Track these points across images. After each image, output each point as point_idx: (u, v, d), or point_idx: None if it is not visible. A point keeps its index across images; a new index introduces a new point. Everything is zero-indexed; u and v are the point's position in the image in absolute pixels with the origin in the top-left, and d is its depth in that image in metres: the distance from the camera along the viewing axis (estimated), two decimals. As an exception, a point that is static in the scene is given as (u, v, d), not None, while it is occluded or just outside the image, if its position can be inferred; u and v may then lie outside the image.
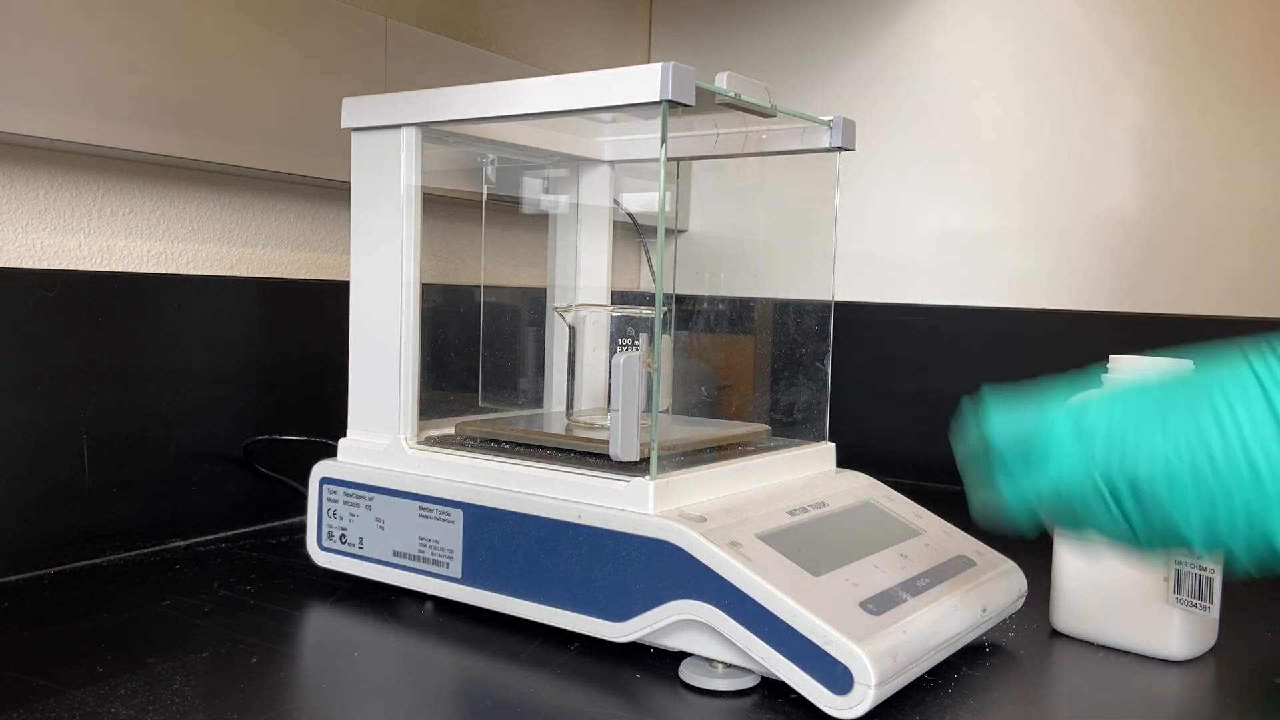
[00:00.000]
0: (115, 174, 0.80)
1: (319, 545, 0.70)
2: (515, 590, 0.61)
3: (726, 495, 0.62)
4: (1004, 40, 1.15)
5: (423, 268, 0.69)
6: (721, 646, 0.55)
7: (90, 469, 0.75)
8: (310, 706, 0.52)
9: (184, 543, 0.80)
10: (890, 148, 1.20)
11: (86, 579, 0.70)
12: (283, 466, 0.86)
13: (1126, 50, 1.08)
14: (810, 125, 0.73)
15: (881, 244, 1.22)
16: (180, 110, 0.77)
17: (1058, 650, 0.64)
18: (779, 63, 1.28)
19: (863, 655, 0.49)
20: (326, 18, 0.87)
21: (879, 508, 0.68)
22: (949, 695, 0.55)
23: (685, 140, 0.78)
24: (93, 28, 0.71)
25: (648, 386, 0.62)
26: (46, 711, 0.49)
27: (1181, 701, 0.56)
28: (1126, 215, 1.08)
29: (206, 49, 0.78)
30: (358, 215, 0.70)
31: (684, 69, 0.57)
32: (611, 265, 0.88)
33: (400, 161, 0.68)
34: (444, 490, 0.64)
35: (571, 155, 0.84)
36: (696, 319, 0.84)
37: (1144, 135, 1.08)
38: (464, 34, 1.08)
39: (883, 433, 1.19)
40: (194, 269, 0.85)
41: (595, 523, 0.58)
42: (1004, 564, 0.66)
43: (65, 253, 0.77)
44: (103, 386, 0.75)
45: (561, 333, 0.83)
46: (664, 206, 0.62)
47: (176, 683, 0.53)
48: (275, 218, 0.92)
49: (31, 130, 0.69)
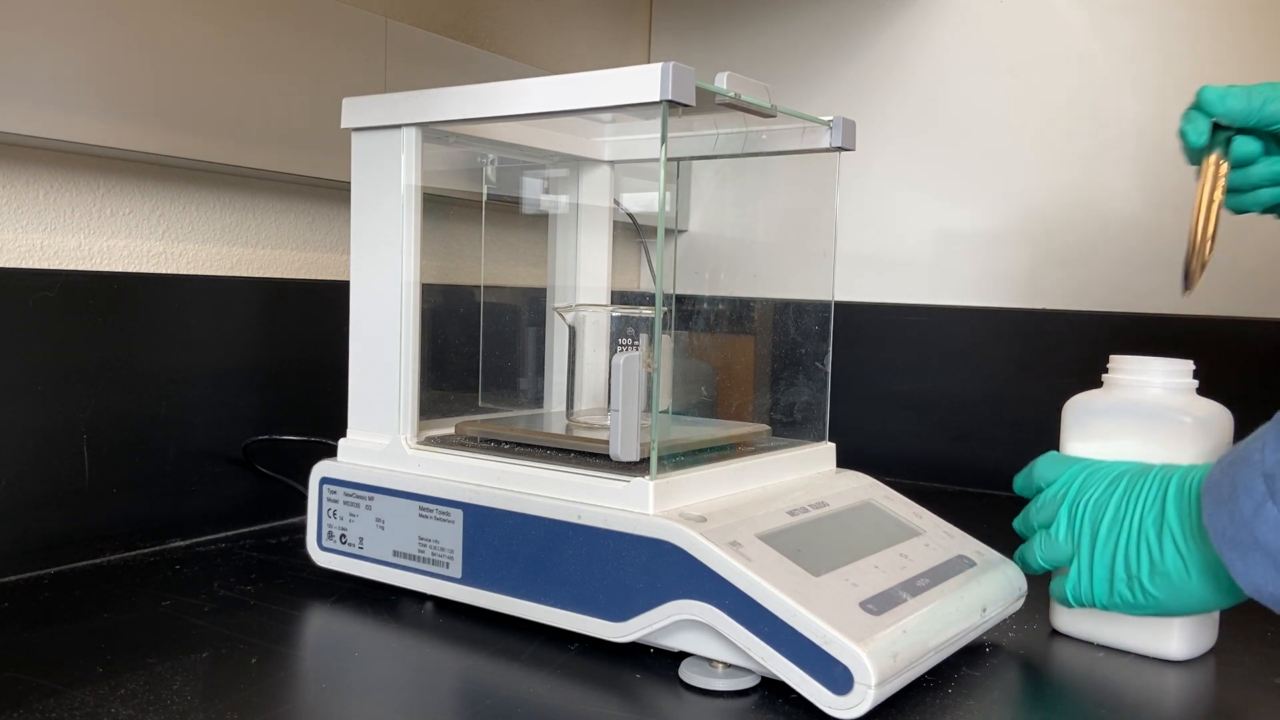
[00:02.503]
0: (115, 174, 0.80)
1: (319, 545, 0.70)
2: (515, 590, 0.61)
3: (726, 495, 0.62)
4: (1003, 40, 1.15)
5: (423, 268, 0.69)
6: (721, 646, 0.55)
7: (90, 469, 0.75)
8: (310, 706, 0.52)
9: (184, 543, 0.80)
10: (890, 148, 1.20)
11: (86, 579, 0.70)
12: (283, 466, 0.86)
13: (1126, 50, 1.08)
14: (810, 125, 0.73)
15: (881, 244, 1.22)
16: (180, 110, 0.77)
17: (1058, 650, 0.64)
18: (779, 63, 1.28)
19: (863, 655, 0.49)
20: (326, 18, 0.87)
21: (879, 508, 0.68)
22: (949, 695, 0.55)
23: (685, 140, 0.78)
24: (93, 28, 0.71)
25: (648, 386, 0.62)
26: (46, 711, 0.49)
27: (1181, 701, 0.56)
28: (1126, 215, 1.08)
29: (207, 49, 0.78)
30: (358, 215, 0.70)
31: (684, 69, 0.57)
32: (611, 265, 0.88)
33: (400, 161, 0.68)
34: (444, 490, 0.64)
35: (571, 155, 0.84)
36: (696, 319, 0.84)
37: (1143, 135, 1.07)
38: (464, 34, 1.08)
39: (883, 433, 1.19)
40: (194, 269, 0.85)
41: (595, 523, 0.58)
42: (1004, 564, 0.66)
43: (65, 253, 0.77)
44: (103, 386, 0.75)
45: (561, 333, 0.83)
46: (664, 206, 0.62)
47: (176, 683, 0.53)
48: (275, 218, 0.92)
49: (31, 130, 0.69)
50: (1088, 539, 0.61)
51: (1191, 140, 0.68)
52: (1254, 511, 0.50)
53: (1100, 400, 0.67)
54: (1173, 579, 0.57)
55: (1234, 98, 0.66)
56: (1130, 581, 0.59)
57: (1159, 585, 0.57)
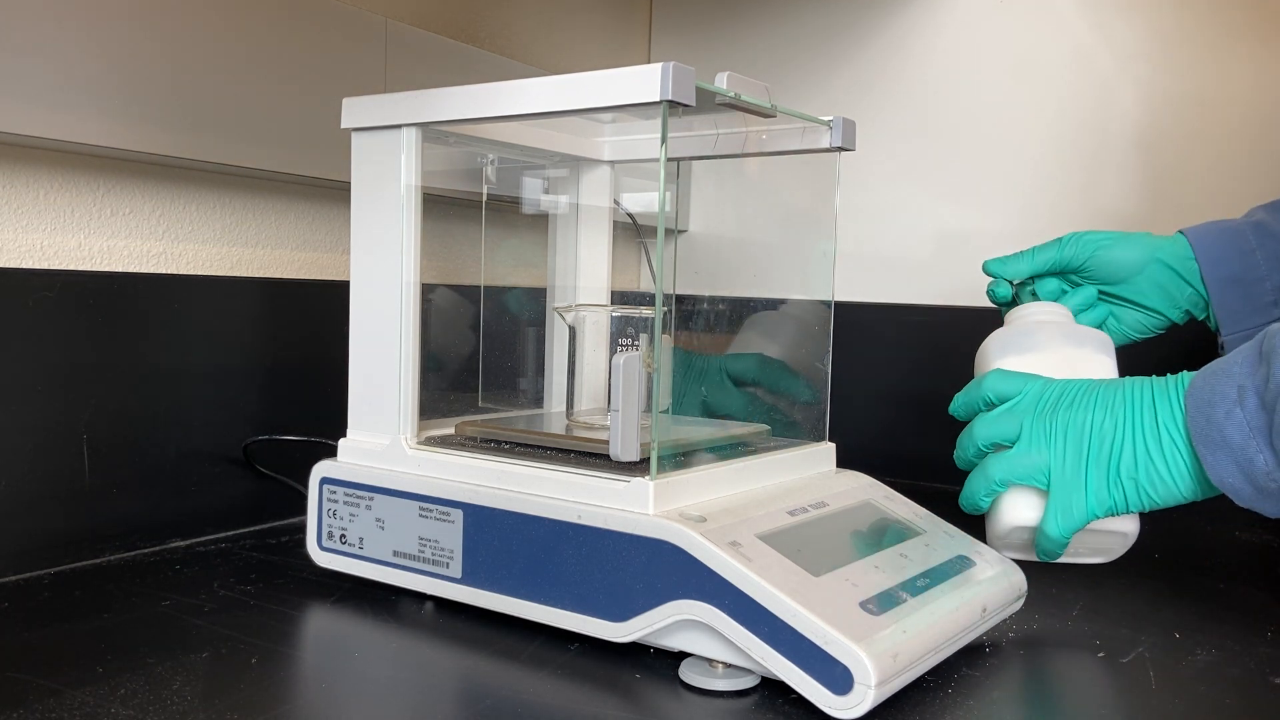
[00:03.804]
0: (115, 174, 0.80)
1: (319, 545, 0.70)
2: (515, 590, 0.61)
3: (726, 495, 0.62)
4: (1004, 40, 1.15)
5: (423, 268, 0.69)
6: (721, 646, 0.55)
7: (90, 469, 0.75)
8: (310, 706, 0.52)
9: (184, 543, 0.80)
10: (890, 148, 1.20)
11: (86, 579, 0.70)
12: (283, 466, 0.86)
13: (1126, 50, 1.08)
14: (810, 125, 0.73)
15: (881, 244, 1.22)
16: (180, 110, 0.77)
17: (1058, 650, 0.64)
18: (779, 63, 1.28)
19: (863, 655, 0.49)
20: (326, 18, 0.87)
21: (879, 508, 0.68)
22: (949, 695, 0.55)
23: (685, 140, 0.78)
24: (93, 28, 0.71)
25: (648, 386, 0.62)
26: (46, 711, 0.49)
27: (1181, 701, 0.56)
28: (1126, 215, 1.08)
29: (206, 49, 0.78)
30: (358, 215, 0.70)
31: (684, 69, 0.57)
32: (611, 265, 0.88)
33: (400, 161, 0.68)
34: (444, 490, 0.64)
35: (571, 155, 0.84)
36: (696, 319, 0.84)
37: (1143, 135, 1.08)
38: (464, 34, 1.08)
39: (883, 433, 1.19)
40: (194, 269, 0.85)
41: (595, 523, 0.58)
42: (1004, 564, 0.66)
43: (65, 253, 0.77)
44: (103, 386, 0.75)
45: (561, 333, 0.83)
46: (664, 206, 0.62)
47: (176, 683, 0.53)
48: (275, 218, 0.92)
49: (31, 130, 0.69)
50: (1075, 456, 0.66)
51: (1000, 297, 0.87)
52: (1225, 415, 0.60)
53: (1025, 325, 0.78)
54: (1168, 480, 0.64)
55: (1014, 261, 0.86)
56: (1135, 487, 0.65)
57: (1157, 487, 0.64)
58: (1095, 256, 0.84)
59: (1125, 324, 0.87)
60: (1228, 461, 0.61)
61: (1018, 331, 0.78)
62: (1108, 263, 0.84)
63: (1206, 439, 0.61)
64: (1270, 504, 0.62)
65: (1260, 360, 0.61)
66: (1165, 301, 0.85)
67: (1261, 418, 0.59)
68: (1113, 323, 0.87)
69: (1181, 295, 0.84)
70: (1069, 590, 0.74)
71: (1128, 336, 0.87)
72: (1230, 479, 0.61)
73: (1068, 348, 0.75)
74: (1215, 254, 0.83)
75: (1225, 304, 0.83)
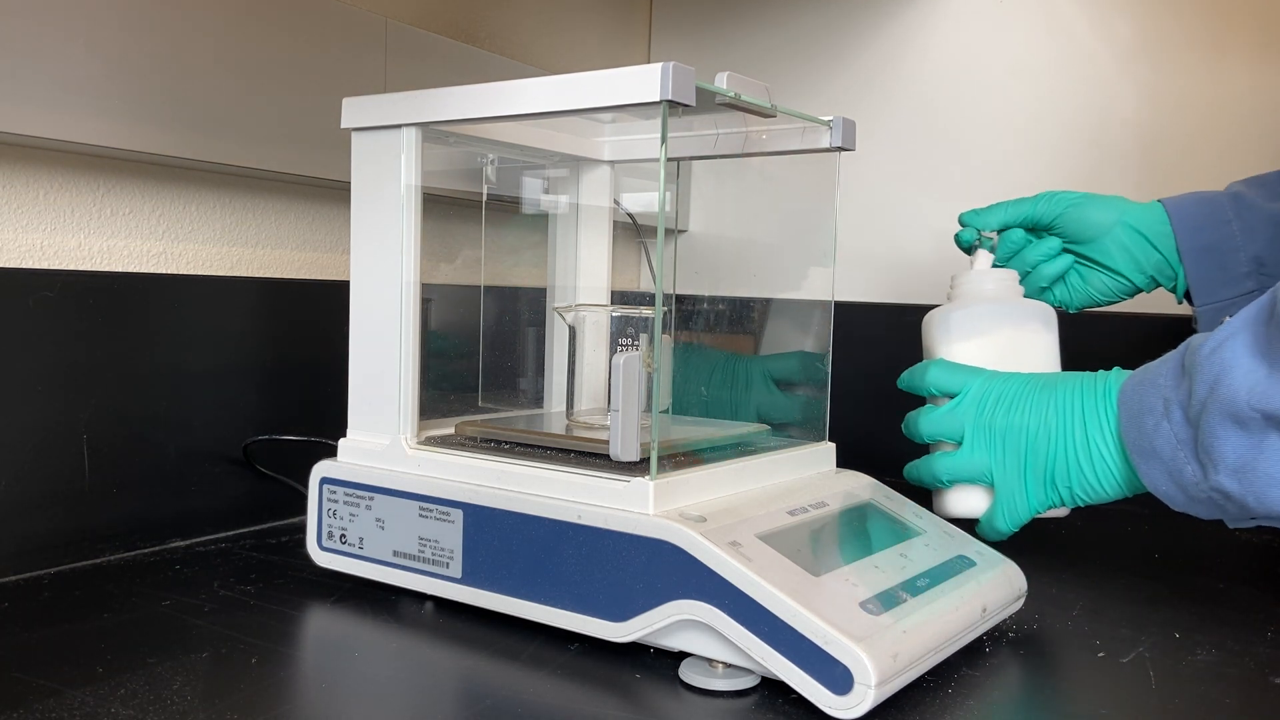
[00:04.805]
0: (115, 174, 0.80)
1: (319, 545, 0.70)
2: (515, 590, 0.61)
3: (726, 495, 0.62)
4: (1004, 40, 1.15)
5: (423, 268, 0.69)
6: (721, 646, 0.55)
7: (90, 469, 0.75)
8: (310, 706, 0.52)
9: (184, 543, 0.80)
10: (890, 148, 1.20)
11: (86, 579, 0.70)
12: (283, 466, 0.86)
13: (1126, 50, 1.08)
14: (810, 125, 0.73)
15: (881, 244, 1.22)
16: (180, 110, 0.77)
17: (1058, 650, 0.64)
18: (779, 63, 1.28)
19: (863, 655, 0.49)
20: (326, 18, 0.87)
21: (879, 508, 0.68)
22: (949, 695, 0.55)
23: (685, 140, 0.78)
24: (92, 28, 0.71)
25: (648, 386, 0.62)
26: (46, 711, 0.49)
27: (1181, 701, 0.56)
28: (1126, 215, 1.08)
29: (206, 49, 0.78)
30: (358, 215, 0.70)
31: (684, 69, 0.57)
32: (611, 265, 0.88)
33: (400, 161, 0.68)
34: (444, 490, 0.64)
35: (571, 155, 0.84)
36: (696, 319, 0.84)
37: (1143, 135, 1.07)
38: (464, 34, 1.08)
39: (883, 433, 1.18)
40: (194, 269, 0.85)
41: (595, 523, 0.58)
42: (1004, 564, 0.66)
43: (65, 253, 0.77)
44: (103, 386, 0.75)
45: (561, 333, 0.83)
46: (664, 206, 0.62)
47: (176, 683, 0.53)
48: (275, 218, 0.92)
49: (31, 130, 0.69)
50: (1015, 460, 0.70)
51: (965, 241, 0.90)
52: (1154, 427, 0.62)
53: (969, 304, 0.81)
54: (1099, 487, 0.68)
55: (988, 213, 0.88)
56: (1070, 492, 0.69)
57: (1090, 492, 0.69)
58: (1066, 214, 0.86)
59: (1091, 285, 0.88)
60: (1159, 471, 0.63)
61: (963, 315, 0.80)
62: (1077, 219, 0.86)
63: (1139, 448, 0.64)
64: (1202, 510, 0.63)
65: (1183, 374, 0.61)
66: (1130, 265, 0.86)
67: (1187, 431, 0.61)
68: (1078, 282, 0.88)
69: (1148, 261, 0.85)
70: (1069, 590, 0.74)
71: (1093, 299, 0.89)
72: (1163, 486, 0.63)
73: (1009, 328, 0.79)
74: (1192, 223, 0.83)
75: (1199, 274, 0.83)
